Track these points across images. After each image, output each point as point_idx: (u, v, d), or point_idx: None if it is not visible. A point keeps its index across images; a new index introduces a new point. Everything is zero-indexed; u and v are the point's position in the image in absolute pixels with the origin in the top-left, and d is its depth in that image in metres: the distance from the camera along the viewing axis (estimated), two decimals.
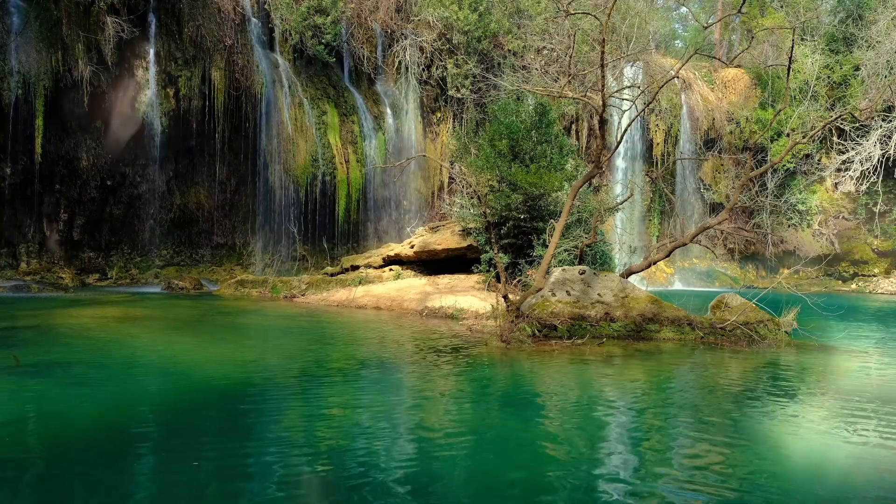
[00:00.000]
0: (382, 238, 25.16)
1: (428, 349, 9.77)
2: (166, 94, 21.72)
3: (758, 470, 4.67)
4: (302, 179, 23.60)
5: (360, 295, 16.80)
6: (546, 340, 10.35)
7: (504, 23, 27.26)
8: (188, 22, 21.82)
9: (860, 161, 26.63)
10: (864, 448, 5.23)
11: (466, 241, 17.91)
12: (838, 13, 29.57)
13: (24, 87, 19.27)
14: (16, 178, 20.08)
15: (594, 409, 6.52)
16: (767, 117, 28.14)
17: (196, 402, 6.47)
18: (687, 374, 8.60)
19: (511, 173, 16.08)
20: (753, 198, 24.93)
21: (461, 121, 27.08)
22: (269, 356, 9.30)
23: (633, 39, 25.13)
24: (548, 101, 17.36)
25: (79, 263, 21.60)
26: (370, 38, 26.10)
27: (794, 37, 14.04)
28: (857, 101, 27.07)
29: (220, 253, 24.18)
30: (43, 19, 19.49)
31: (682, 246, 13.83)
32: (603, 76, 11.00)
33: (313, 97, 24.38)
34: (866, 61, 27.21)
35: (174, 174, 22.99)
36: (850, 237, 29.31)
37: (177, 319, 13.07)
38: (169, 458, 4.80)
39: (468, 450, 5.10)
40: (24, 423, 5.54)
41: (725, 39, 37.84)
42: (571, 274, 11.65)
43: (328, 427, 5.58)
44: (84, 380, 7.16)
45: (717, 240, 29.42)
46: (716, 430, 5.66)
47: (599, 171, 12.50)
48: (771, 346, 10.51)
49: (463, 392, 7.19)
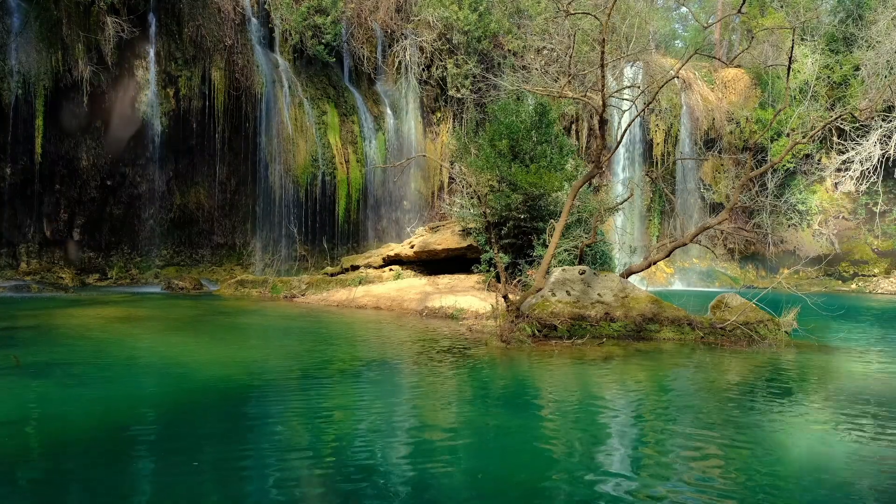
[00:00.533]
0: (382, 238, 25.15)
1: (428, 349, 9.77)
2: (166, 94, 21.72)
3: (758, 470, 4.67)
4: (302, 179, 23.60)
5: (360, 295, 16.80)
6: (546, 340, 10.35)
7: (504, 23, 27.25)
8: (188, 22, 21.81)
9: (860, 161, 26.64)
10: (864, 448, 5.23)
11: (466, 241, 17.91)
12: (838, 13, 29.56)
13: (24, 87, 19.27)
14: (16, 178, 20.08)
15: (594, 410, 6.52)
16: (767, 117, 28.13)
17: (196, 402, 6.47)
18: (687, 374, 8.60)
19: (511, 173, 16.08)
20: (753, 198, 24.92)
21: (461, 121, 27.07)
22: (270, 356, 9.30)
23: (633, 39, 25.12)
24: (548, 101, 17.36)
25: (79, 263, 21.60)
26: (370, 38, 26.09)
27: (794, 37, 14.04)
28: (857, 101, 27.06)
29: (220, 253, 24.17)
30: (43, 19, 19.49)
31: (682, 246, 13.83)
32: (603, 76, 11.00)
33: (313, 97, 24.38)
34: (866, 61, 27.21)
35: (174, 174, 22.99)
36: (850, 237, 29.30)
37: (177, 319, 13.07)
38: (169, 458, 4.80)
39: (468, 450, 5.10)
40: (24, 423, 5.54)
41: (725, 39, 37.83)
42: (571, 274, 11.65)
43: (328, 427, 5.59)
44: (84, 380, 7.16)
45: (717, 240, 29.41)
46: (716, 431, 5.66)
47: (599, 171, 12.50)
48: (771, 346, 10.51)
49: (463, 392, 7.19)
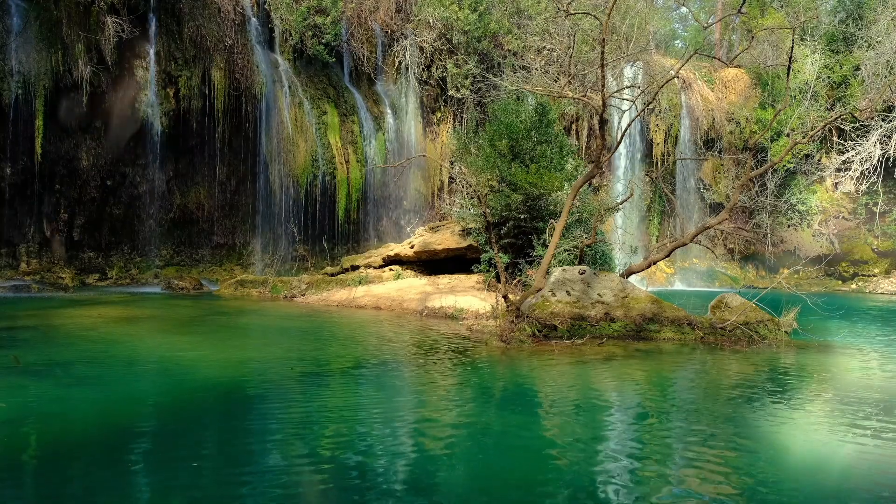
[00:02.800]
0: (382, 238, 25.15)
1: (428, 349, 9.78)
2: (166, 94, 21.71)
3: (758, 470, 4.67)
4: (302, 179, 23.60)
5: (361, 295, 16.79)
6: (546, 340, 10.35)
7: (504, 23, 27.24)
8: (188, 22, 21.81)
9: (860, 161, 26.62)
10: (864, 448, 5.23)
11: (466, 241, 17.91)
12: (838, 13, 29.55)
13: (24, 87, 19.26)
14: (16, 178, 20.08)
15: (594, 410, 6.52)
16: (767, 117, 28.12)
17: (196, 402, 6.47)
18: (687, 374, 8.60)
19: (511, 173, 16.08)
20: (753, 198, 24.91)
21: (461, 121, 27.06)
22: (269, 356, 9.30)
23: (633, 39, 25.11)
24: (548, 101, 17.36)
25: (79, 263, 21.59)
26: (370, 38, 26.09)
27: (794, 37, 14.04)
28: (857, 101, 27.05)
29: (220, 253, 24.17)
30: (43, 19, 19.49)
31: (682, 246, 13.83)
32: (603, 76, 11.00)
33: (313, 97, 24.38)
34: (866, 61, 27.19)
35: (174, 174, 22.99)
36: (850, 237, 29.29)
37: (177, 319, 13.07)
38: (168, 458, 4.80)
39: (468, 450, 5.10)
40: (24, 423, 5.54)
41: (725, 39, 37.81)
42: (571, 274, 11.65)
43: (328, 427, 5.59)
44: (84, 380, 7.16)
45: (717, 240, 29.41)
46: (716, 431, 5.66)
47: (599, 171, 12.50)
48: (771, 346, 10.51)
49: (463, 392, 7.19)
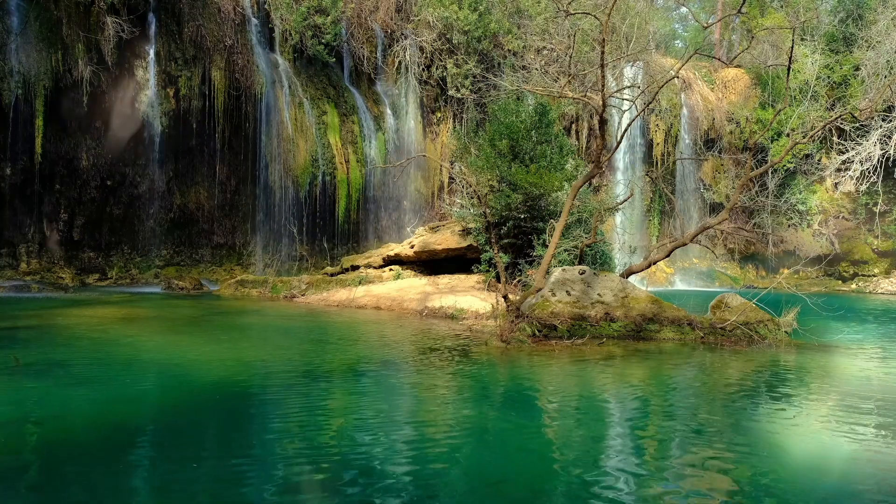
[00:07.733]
0: (382, 238, 25.15)
1: (428, 349, 9.77)
2: (166, 94, 21.71)
3: (758, 470, 4.67)
4: (302, 179, 23.60)
5: (361, 295, 16.79)
6: (546, 340, 10.34)
7: (504, 23, 27.24)
8: (188, 22, 21.81)
9: (860, 161, 26.62)
10: (864, 448, 5.23)
11: (466, 241, 17.91)
12: (838, 13, 29.55)
13: (24, 87, 19.27)
14: (16, 178, 20.08)
15: (594, 410, 6.52)
16: (767, 117, 28.12)
17: (196, 402, 6.47)
18: (687, 374, 8.60)
19: (511, 173, 16.08)
20: (753, 198, 24.93)
21: (461, 121, 27.06)
22: (270, 356, 9.30)
23: (633, 39, 25.10)
24: (548, 101, 17.36)
25: (79, 263, 21.59)
26: (370, 38, 26.08)
27: (794, 37, 14.04)
28: (857, 101, 27.04)
29: (220, 253, 24.17)
30: (43, 19, 19.49)
31: (682, 246, 13.83)
32: (603, 76, 11.00)
33: (313, 97, 24.38)
34: (866, 61, 27.20)
35: (174, 174, 22.99)
36: (850, 237, 29.30)
37: (177, 319, 13.07)
38: (168, 458, 4.80)
39: (468, 450, 5.10)
40: (24, 423, 5.53)
41: (725, 39, 37.82)
42: (571, 274, 11.65)
43: (328, 427, 5.58)
44: (84, 380, 7.16)
45: (717, 240, 29.41)
46: (716, 431, 5.66)
47: (599, 171, 12.50)
48: (771, 346, 10.51)
49: (463, 392, 7.18)
